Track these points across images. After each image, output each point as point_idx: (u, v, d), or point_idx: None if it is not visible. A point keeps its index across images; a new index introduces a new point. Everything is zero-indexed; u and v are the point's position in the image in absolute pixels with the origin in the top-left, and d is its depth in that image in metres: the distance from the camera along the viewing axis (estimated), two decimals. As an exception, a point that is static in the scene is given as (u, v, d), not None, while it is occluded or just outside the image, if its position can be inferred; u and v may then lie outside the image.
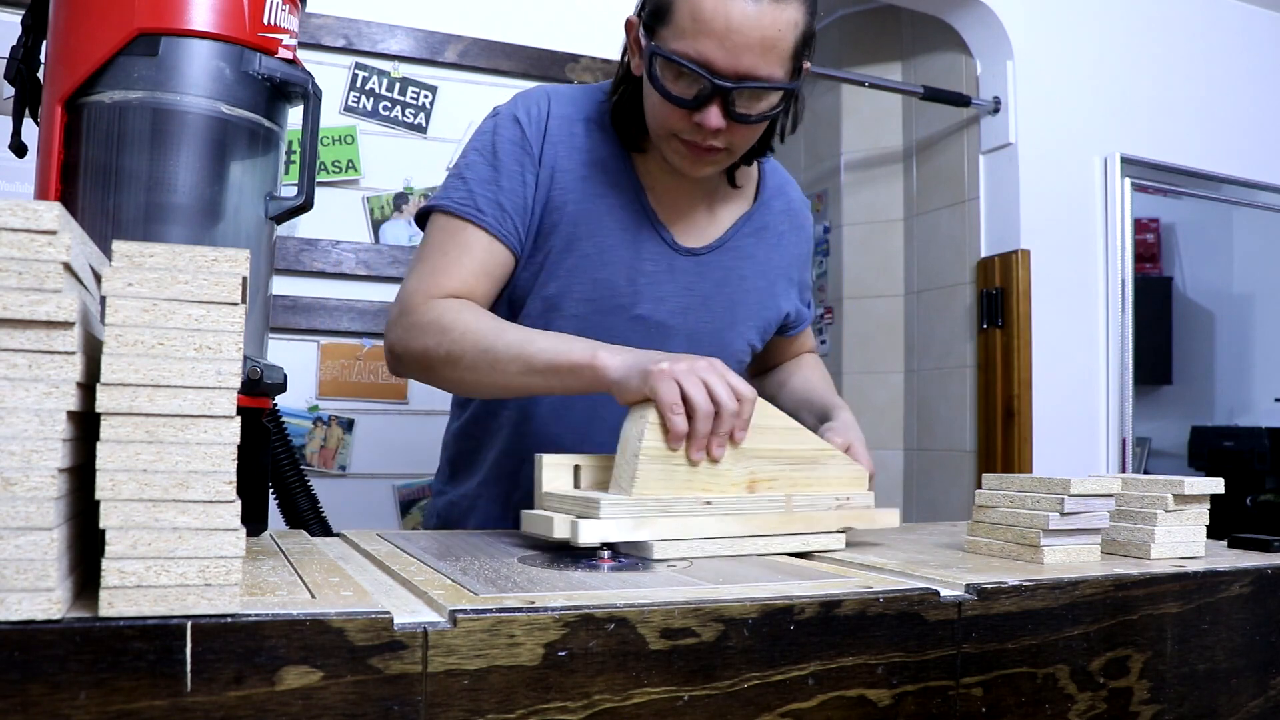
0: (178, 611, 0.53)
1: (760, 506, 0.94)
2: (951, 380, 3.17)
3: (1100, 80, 3.04)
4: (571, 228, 1.17)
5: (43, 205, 0.51)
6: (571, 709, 0.61)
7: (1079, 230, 3.00)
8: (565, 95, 1.21)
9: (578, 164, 1.18)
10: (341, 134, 2.18)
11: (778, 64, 1.03)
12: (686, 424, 0.89)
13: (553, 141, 1.17)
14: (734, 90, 1.03)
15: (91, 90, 0.92)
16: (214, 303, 0.55)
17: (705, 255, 1.23)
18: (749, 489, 0.94)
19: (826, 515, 0.98)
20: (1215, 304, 4.35)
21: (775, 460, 0.96)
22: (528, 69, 2.29)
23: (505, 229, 1.14)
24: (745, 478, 0.94)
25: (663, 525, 0.88)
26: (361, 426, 2.18)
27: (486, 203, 1.14)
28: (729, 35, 1.00)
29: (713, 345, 1.24)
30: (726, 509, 0.92)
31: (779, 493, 0.96)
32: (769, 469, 0.96)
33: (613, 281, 1.19)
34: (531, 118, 1.17)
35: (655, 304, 1.21)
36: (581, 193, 1.17)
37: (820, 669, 0.69)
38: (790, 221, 1.33)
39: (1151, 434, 3.93)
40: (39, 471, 0.50)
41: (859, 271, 3.52)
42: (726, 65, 1.02)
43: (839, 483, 1.00)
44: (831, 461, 1.00)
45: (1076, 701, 0.81)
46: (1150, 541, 0.97)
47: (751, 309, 1.28)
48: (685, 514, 0.89)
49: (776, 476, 0.96)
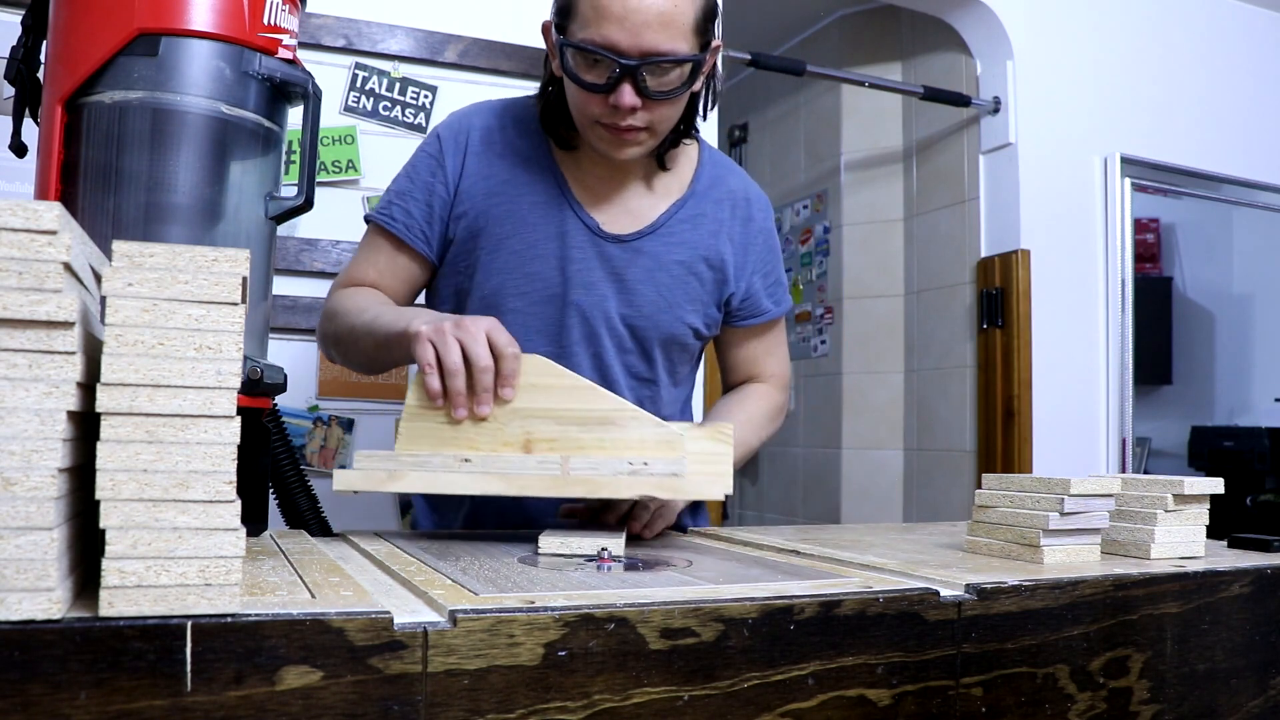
0: (178, 611, 0.53)
1: (529, 467, 0.92)
2: (951, 380, 3.18)
3: (1100, 80, 3.04)
4: (497, 228, 1.24)
5: (43, 205, 0.51)
6: (571, 709, 0.61)
7: (1079, 230, 3.00)
8: (489, 109, 1.30)
9: (499, 169, 1.25)
10: (341, 134, 2.18)
11: (680, 38, 1.09)
12: (439, 383, 0.93)
13: (474, 152, 1.26)
14: (640, 67, 1.09)
15: (91, 90, 0.92)
16: (214, 303, 0.55)
17: (634, 241, 1.26)
18: (524, 449, 0.93)
19: (613, 480, 0.92)
20: (1215, 304, 4.35)
21: (559, 421, 0.93)
22: (528, 69, 2.29)
23: (412, 234, 1.26)
24: (520, 437, 0.93)
25: (414, 479, 0.90)
26: (361, 426, 2.18)
27: (399, 211, 1.26)
28: (628, 16, 1.06)
29: (650, 329, 1.27)
30: (487, 467, 0.91)
31: (556, 454, 0.92)
32: (549, 429, 0.93)
33: (543, 274, 1.24)
34: (453, 132, 1.27)
35: (586, 290, 1.25)
36: (505, 195, 1.25)
37: (820, 669, 0.69)
38: (734, 211, 1.33)
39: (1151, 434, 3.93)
40: (39, 471, 0.50)
41: (859, 271, 3.52)
42: (630, 45, 1.07)
43: (640, 447, 0.94)
44: (631, 424, 0.94)
45: (1076, 701, 0.81)
46: (1150, 541, 0.97)
47: (687, 291, 1.29)
48: (439, 469, 0.90)
49: (558, 438, 0.93)
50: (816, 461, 3.66)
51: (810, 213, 3.73)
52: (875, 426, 3.47)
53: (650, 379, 1.30)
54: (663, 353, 1.30)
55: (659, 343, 1.29)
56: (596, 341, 1.26)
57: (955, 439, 3.16)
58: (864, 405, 3.49)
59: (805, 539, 1.11)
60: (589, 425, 0.93)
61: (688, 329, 1.30)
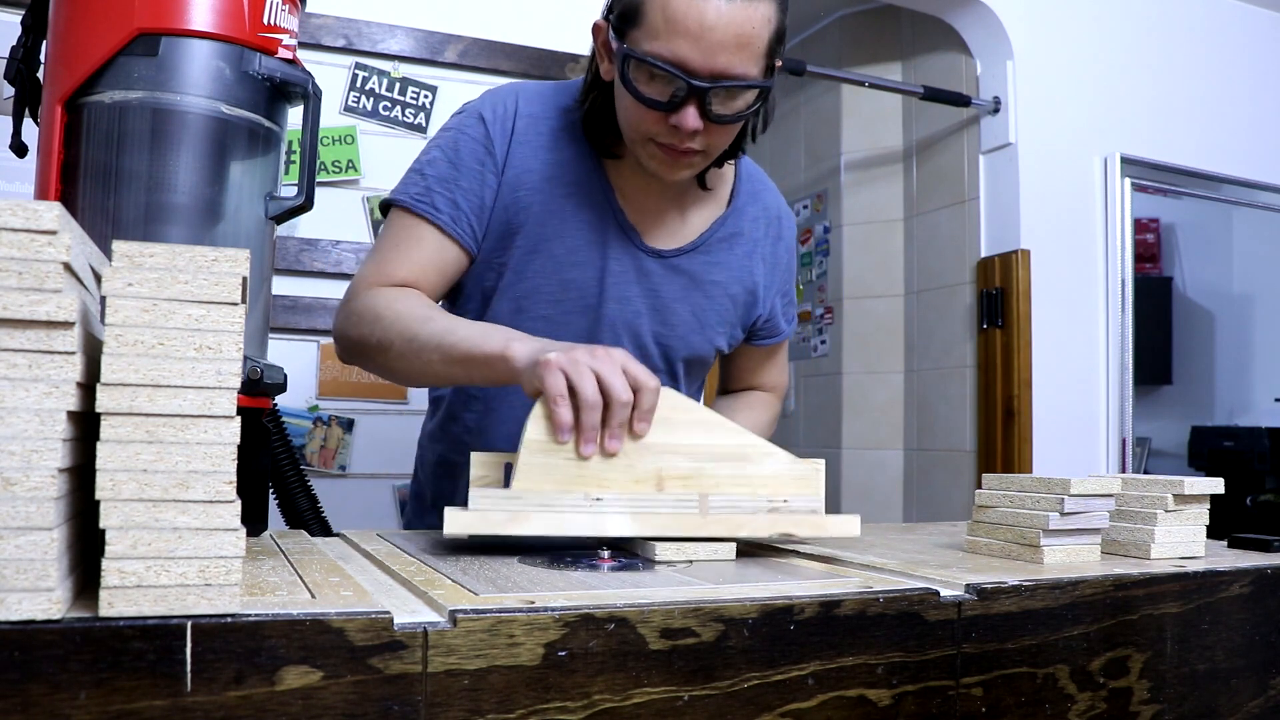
0: (178, 611, 0.53)
1: (666, 505, 0.87)
2: (951, 380, 3.17)
3: (1100, 80, 3.04)
4: (538, 228, 1.16)
5: (43, 205, 0.51)
6: (571, 709, 0.61)
7: (1079, 230, 3.00)
8: (534, 93, 1.20)
9: (544, 164, 1.17)
10: (341, 134, 2.18)
11: (753, 62, 1.02)
12: (571, 416, 0.85)
13: (520, 141, 1.16)
14: (710, 90, 1.01)
15: (91, 90, 0.92)
16: (214, 303, 0.55)
17: (674, 258, 1.22)
18: (657, 486, 0.87)
19: (753, 519, 0.88)
20: (1215, 304, 4.35)
21: (693, 457, 0.88)
22: (528, 69, 2.29)
23: (460, 228, 1.15)
24: (653, 474, 0.87)
25: (540, 521, 0.83)
26: (361, 426, 2.18)
27: (443, 200, 1.14)
28: (704, 34, 0.98)
29: (680, 348, 1.24)
30: (622, 507, 0.86)
31: (692, 491, 0.88)
32: (683, 465, 0.88)
33: (580, 282, 1.18)
34: (498, 116, 1.17)
35: (620, 305, 1.20)
36: (548, 193, 1.16)
37: (820, 669, 0.69)
38: (768, 229, 1.30)
39: (1151, 434, 3.93)
40: (39, 471, 0.50)
41: (859, 271, 3.52)
42: (702, 65, 0.99)
43: (775, 483, 0.90)
44: (765, 460, 0.90)
45: (1076, 701, 0.81)
46: (1150, 541, 0.97)
47: (720, 313, 1.26)
48: (569, 510, 0.84)
49: (692, 474, 0.88)
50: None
51: (810, 213, 3.73)
52: (875, 426, 3.47)
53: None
54: (686, 370, 1.28)
55: (685, 361, 1.26)
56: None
57: (955, 439, 3.16)
58: (864, 405, 3.49)
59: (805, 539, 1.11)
60: (723, 460, 0.88)
61: (714, 349, 1.28)
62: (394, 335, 1.06)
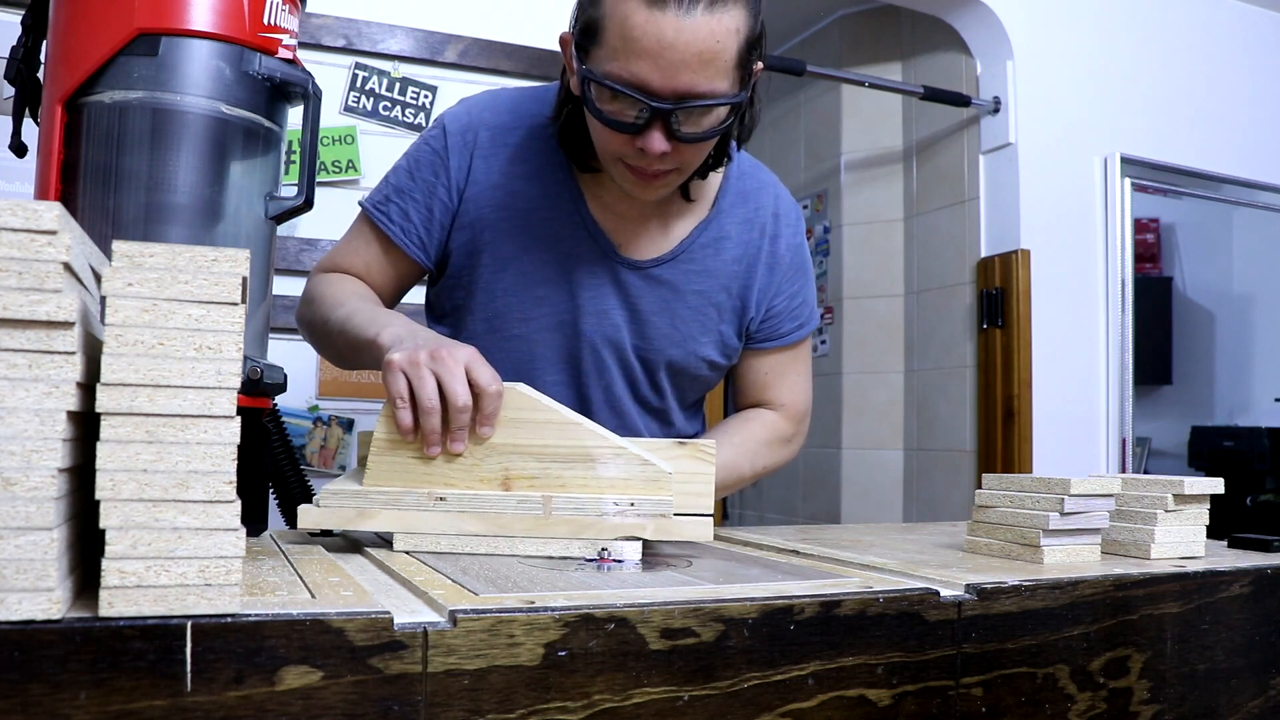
0: (178, 611, 0.53)
1: (508, 506, 0.87)
2: (951, 380, 3.18)
3: (1100, 80, 3.04)
4: (504, 244, 1.14)
5: (43, 205, 0.51)
6: (571, 709, 0.61)
7: (1079, 230, 3.00)
8: (505, 103, 1.17)
9: (508, 176, 1.14)
10: (341, 134, 2.18)
11: (720, 77, 0.96)
12: (411, 419, 0.85)
13: (483, 154, 1.14)
14: (674, 111, 0.96)
15: (91, 90, 0.92)
16: (214, 303, 0.55)
17: (653, 269, 1.17)
18: (503, 486, 0.87)
19: (598, 521, 0.87)
20: (1215, 304, 4.35)
21: (540, 458, 0.88)
22: (528, 69, 2.29)
23: (409, 239, 1.17)
24: (498, 474, 0.87)
25: (386, 518, 0.85)
26: (362, 426, 2.18)
27: (396, 211, 1.16)
28: (663, 53, 0.93)
29: (661, 361, 1.20)
30: (464, 506, 0.86)
31: (537, 492, 0.87)
32: (529, 466, 0.88)
33: (553, 298, 1.15)
34: (460, 127, 1.16)
35: (598, 319, 1.16)
36: (513, 208, 1.14)
37: (820, 669, 0.69)
38: (762, 230, 1.23)
39: (1151, 434, 3.93)
40: (39, 471, 0.50)
41: (859, 271, 3.52)
42: (663, 85, 0.94)
43: (625, 485, 0.89)
44: (615, 460, 0.89)
45: (1076, 701, 0.81)
46: (1150, 541, 0.97)
47: (704, 323, 1.20)
48: (412, 508, 0.86)
49: (538, 475, 0.88)
50: (816, 461, 3.66)
51: (810, 213, 3.73)
52: (875, 426, 3.47)
53: (662, 409, 1.25)
54: (674, 383, 1.23)
55: (670, 374, 1.22)
56: (606, 372, 1.18)
57: (955, 439, 3.16)
58: (864, 405, 3.50)
59: (805, 539, 1.11)
60: (571, 462, 0.88)
61: (701, 361, 1.23)
62: (319, 317, 1.12)
